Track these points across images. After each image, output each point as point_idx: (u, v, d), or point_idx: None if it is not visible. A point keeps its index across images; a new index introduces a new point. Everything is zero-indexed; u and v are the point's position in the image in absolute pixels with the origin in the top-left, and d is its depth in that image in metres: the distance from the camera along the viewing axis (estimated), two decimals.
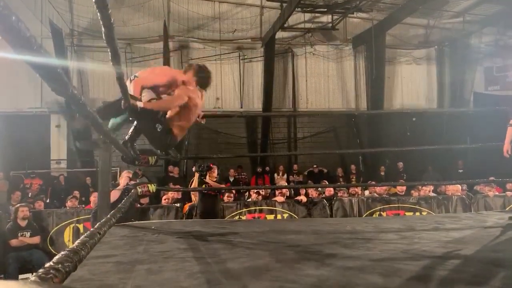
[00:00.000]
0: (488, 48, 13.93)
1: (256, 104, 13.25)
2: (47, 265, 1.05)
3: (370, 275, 2.14)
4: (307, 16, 13.05)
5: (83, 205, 7.97)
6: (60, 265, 1.07)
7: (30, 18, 11.15)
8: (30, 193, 9.83)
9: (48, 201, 9.37)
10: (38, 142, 12.10)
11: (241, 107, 13.21)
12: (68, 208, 7.25)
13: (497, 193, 7.81)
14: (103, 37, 1.84)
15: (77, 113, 1.78)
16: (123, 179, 5.81)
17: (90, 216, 5.75)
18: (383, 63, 12.93)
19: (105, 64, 11.28)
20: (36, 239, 6.16)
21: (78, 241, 1.35)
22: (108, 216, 2.35)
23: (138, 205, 6.32)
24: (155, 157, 4.52)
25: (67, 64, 11.40)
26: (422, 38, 14.05)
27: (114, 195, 4.94)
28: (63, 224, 6.59)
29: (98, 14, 1.54)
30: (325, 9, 12.26)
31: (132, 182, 5.59)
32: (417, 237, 3.29)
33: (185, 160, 12.35)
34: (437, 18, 13.45)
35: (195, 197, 6.60)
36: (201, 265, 2.40)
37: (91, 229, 2.81)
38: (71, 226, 6.58)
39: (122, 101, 3.59)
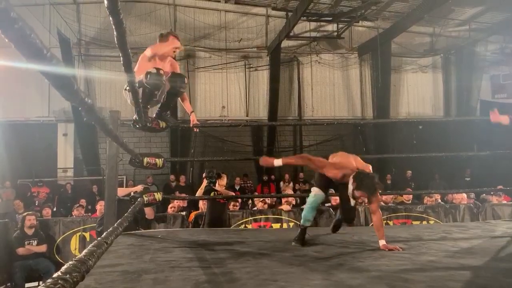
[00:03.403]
0: (494, 56, 13.89)
1: (261, 112, 13.27)
2: (55, 275, 1.05)
3: (377, 286, 2.12)
4: (313, 25, 13.10)
5: (90, 214, 7.99)
6: (68, 275, 1.07)
7: (38, 28, 11.28)
8: (37, 202, 9.89)
9: (55, 209, 9.41)
10: (45, 150, 12.19)
11: (247, 115, 13.24)
12: (74, 216, 7.28)
13: (505, 201, 7.73)
14: (116, 42, 1.85)
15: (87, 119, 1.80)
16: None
17: (95, 224, 5.76)
18: (389, 71, 12.93)
19: (112, 73, 11.46)
20: (43, 248, 6.16)
21: (85, 250, 1.35)
22: (115, 225, 2.36)
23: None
24: (162, 159, 4.53)
25: (74, 73, 11.54)
26: (427, 46, 14.04)
27: (122, 191, 4.91)
28: (69, 232, 6.59)
29: (111, 19, 1.56)
30: (331, 18, 12.30)
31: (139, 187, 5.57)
32: (424, 247, 3.27)
33: (191, 169, 12.40)
34: (442, 26, 13.45)
35: (203, 205, 6.58)
36: (207, 275, 2.39)
37: (97, 237, 2.82)
38: (78, 234, 6.58)
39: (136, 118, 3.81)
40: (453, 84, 14.03)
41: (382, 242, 3.20)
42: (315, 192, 3.65)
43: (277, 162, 3.49)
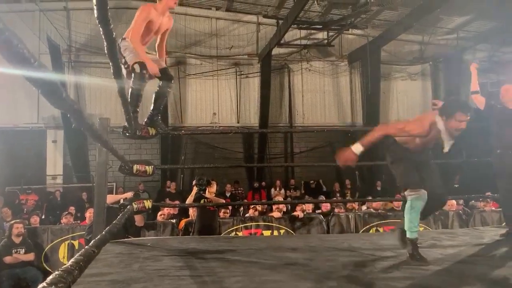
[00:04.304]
0: (482, 64, 14.03)
1: (252, 119, 13.29)
2: (40, 286, 1.04)
3: None
4: (303, 32, 13.18)
5: (79, 221, 7.91)
6: (53, 286, 1.06)
7: (27, 34, 11.21)
8: (25, 209, 9.75)
9: (43, 217, 9.29)
10: (34, 157, 12.05)
11: (238, 122, 13.25)
12: (63, 224, 7.20)
13: (493, 208, 7.80)
14: (105, 51, 1.86)
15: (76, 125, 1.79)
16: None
17: (84, 232, 5.71)
18: (379, 79, 13.03)
19: (102, 80, 11.40)
20: (31, 256, 6.09)
21: (72, 260, 1.34)
22: (103, 233, 2.34)
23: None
24: (152, 166, 4.51)
25: (64, 80, 11.47)
26: (417, 54, 14.19)
27: (110, 198, 4.89)
28: (58, 240, 6.52)
29: (100, 29, 1.55)
30: (321, 26, 12.39)
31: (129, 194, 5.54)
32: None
33: (182, 176, 12.35)
34: (431, 35, 13.62)
35: (193, 212, 6.56)
36: (197, 284, 2.38)
37: (86, 245, 2.79)
38: (66, 242, 6.51)
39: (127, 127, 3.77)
40: (442, 91, 14.16)
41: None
42: (419, 194, 2.92)
43: (357, 148, 2.87)
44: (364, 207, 8.52)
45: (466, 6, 11.43)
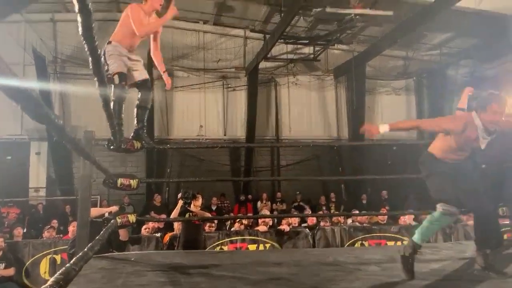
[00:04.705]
0: (465, 79, 14.35)
1: (239, 132, 13.30)
2: None
3: None
4: (290, 47, 13.31)
5: (61, 235, 7.77)
6: None
7: (13, 45, 11.12)
8: (6, 222, 9.55)
9: (25, 230, 9.10)
10: (17, 169, 11.84)
11: (225, 135, 13.24)
12: (45, 238, 7.07)
13: None
14: (91, 67, 1.86)
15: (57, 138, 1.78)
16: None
17: (67, 246, 5.61)
18: (364, 93, 13.19)
19: (88, 92, 11.30)
20: (11, 271, 5.96)
21: (52, 279, 1.32)
22: (86, 249, 2.31)
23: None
24: (137, 180, 4.47)
25: (49, 91, 11.36)
26: (401, 70, 14.43)
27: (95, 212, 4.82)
28: (39, 255, 6.39)
29: (85, 46, 1.56)
30: (307, 41, 12.54)
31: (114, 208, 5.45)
32: (398, 269, 3.29)
33: (167, 188, 12.25)
34: (415, 50, 13.87)
35: (178, 226, 6.50)
36: None
37: (68, 260, 2.74)
38: (48, 257, 6.39)
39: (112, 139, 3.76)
40: (426, 106, 14.39)
41: None
42: (450, 210, 2.99)
43: (383, 127, 2.99)
44: (349, 221, 8.55)
45: (448, 23, 11.69)
